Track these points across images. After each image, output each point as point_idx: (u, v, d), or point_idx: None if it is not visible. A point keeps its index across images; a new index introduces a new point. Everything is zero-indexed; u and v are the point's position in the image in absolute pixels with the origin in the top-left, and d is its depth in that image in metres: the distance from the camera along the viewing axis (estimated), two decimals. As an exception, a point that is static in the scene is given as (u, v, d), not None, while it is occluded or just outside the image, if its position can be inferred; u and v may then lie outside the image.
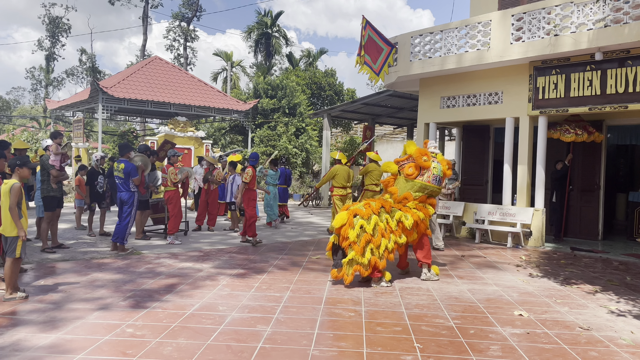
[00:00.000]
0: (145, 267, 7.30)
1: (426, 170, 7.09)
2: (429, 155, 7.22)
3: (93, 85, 19.34)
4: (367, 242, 6.45)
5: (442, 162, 7.23)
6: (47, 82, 55.38)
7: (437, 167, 7.12)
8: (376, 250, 6.51)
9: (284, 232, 11.60)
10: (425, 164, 7.06)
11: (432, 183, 7.10)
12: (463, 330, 4.88)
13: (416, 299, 6.01)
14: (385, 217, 6.76)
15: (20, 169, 5.50)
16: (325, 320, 5.05)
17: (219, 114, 22.71)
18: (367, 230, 6.46)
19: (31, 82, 56.85)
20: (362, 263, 6.42)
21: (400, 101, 17.70)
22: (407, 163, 7.21)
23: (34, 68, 55.82)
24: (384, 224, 6.69)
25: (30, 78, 56.31)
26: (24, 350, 3.94)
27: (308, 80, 29.97)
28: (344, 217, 6.53)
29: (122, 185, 8.36)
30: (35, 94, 59.14)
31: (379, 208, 6.78)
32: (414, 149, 7.19)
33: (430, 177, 7.08)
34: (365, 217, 6.54)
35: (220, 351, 4.10)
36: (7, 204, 5.28)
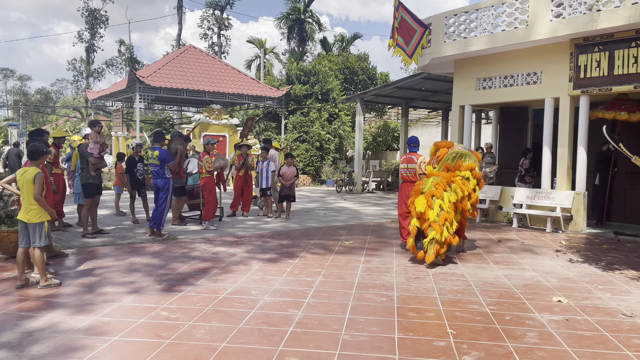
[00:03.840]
0: (180, 251, 7.44)
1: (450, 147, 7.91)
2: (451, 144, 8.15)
3: (130, 75, 19.73)
4: (444, 220, 6.79)
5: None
6: (87, 73, 56.97)
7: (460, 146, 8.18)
8: (450, 227, 6.86)
9: (316, 218, 11.61)
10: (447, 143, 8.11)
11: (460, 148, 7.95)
12: (498, 317, 4.76)
13: (450, 285, 5.90)
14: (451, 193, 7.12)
15: (42, 157, 5.61)
16: (357, 305, 5.03)
17: (252, 101, 22.82)
18: (445, 208, 6.82)
19: (73, 74, 58.58)
20: (440, 241, 6.70)
21: (435, 84, 17.34)
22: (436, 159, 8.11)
23: (75, 60, 57.47)
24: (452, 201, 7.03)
25: (71, 70, 58.04)
26: (63, 332, 4.08)
27: (341, 65, 29.71)
28: (424, 200, 6.82)
29: (157, 172, 8.51)
30: (77, 85, 60.95)
31: (446, 185, 7.08)
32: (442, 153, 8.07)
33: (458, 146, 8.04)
34: (441, 197, 6.86)
35: (252, 335, 4.13)
36: (30, 192, 5.34)
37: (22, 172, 5.43)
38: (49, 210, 5.49)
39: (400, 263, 7.01)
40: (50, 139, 9.53)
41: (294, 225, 10.27)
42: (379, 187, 21.43)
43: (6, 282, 5.58)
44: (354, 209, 13.76)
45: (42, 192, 5.38)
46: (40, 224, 5.40)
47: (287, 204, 11.10)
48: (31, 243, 5.40)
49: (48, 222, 5.53)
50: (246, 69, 39.13)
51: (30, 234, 5.41)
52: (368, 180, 20.71)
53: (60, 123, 36.77)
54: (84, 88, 54.27)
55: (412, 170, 7.91)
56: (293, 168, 11.10)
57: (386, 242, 8.65)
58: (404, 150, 19.62)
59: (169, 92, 20.18)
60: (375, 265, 6.85)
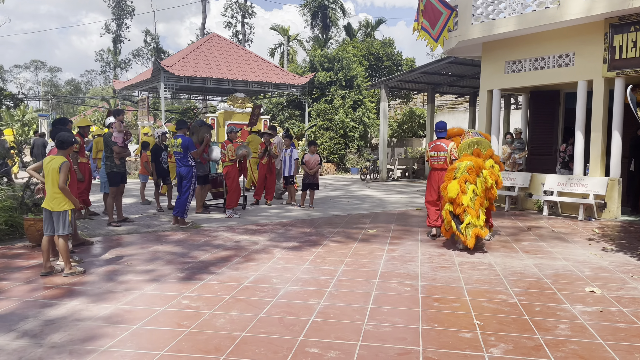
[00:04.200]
0: (203, 240, 7.44)
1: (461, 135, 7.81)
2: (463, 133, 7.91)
3: (155, 65, 19.85)
4: (480, 205, 6.86)
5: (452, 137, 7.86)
6: (115, 63, 57.84)
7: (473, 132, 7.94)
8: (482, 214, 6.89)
9: (340, 206, 11.49)
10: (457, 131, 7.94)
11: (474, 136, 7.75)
12: (528, 308, 4.58)
13: (477, 274, 5.73)
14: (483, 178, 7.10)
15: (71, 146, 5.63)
16: (380, 294, 4.91)
17: (275, 89, 22.74)
18: (478, 193, 6.85)
19: (100, 65, 59.64)
20: (480, 225, 6.73)
21: (462, 68, 16.93)
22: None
23: (103, 51, 58.42)
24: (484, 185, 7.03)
25: (99, 60, 59.07)
26: (84, 320, 4.08)
27: (365, 52, 29.33)
28: (456, 185, 6.81)
29: (180, 161, 8.51)
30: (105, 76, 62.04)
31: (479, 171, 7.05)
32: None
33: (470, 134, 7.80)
34: (474, 182, 6.86)
35: (272, 324, 4.06)
36: (55, 181, 5.36)
37: (48, 161, 5.46)
38: (73, 199, 5.51)
39: (426, 252, 6.85)
40: (75, 128, 9.65)
41: (317, 214, 10.19)
42: (404, 175, 21.16)
43: (32, 269, 5.65)
44: (378, 197, 13.60)
45: (67, 181, 5.40)
46: (64, 212, 5.42)
47: (310, 192, 11.01)
48: (55, 231, 5.43)
49: (72, 211, 5.55)
50: (270, 56, 39.07)
51: (54, 222, 5.44)
52: (393, 167, 20.46)
53: (89, 113, 37.44)
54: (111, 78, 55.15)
55: (442, 158, 7.71)
56: (316, 156, 10.98)
57: (411, 230, 8.49)
58: (430, 137, 19.28)
59: (193, 81, 20.25)
60: (399, 254, 6.71)
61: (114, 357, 3.39)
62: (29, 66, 75.21)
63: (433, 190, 7.85)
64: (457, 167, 7.13)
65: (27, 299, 4.59)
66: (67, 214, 5.45)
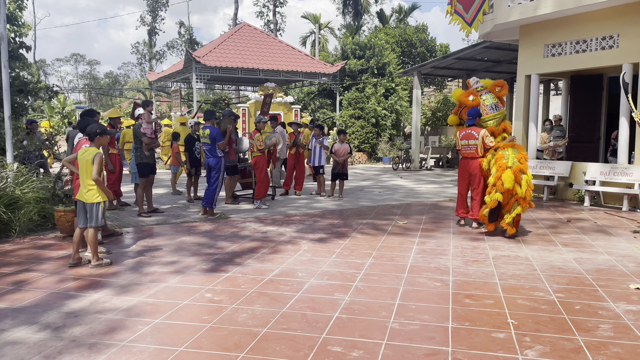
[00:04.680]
0: (230, 231, 7.38)
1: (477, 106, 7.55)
2: (474, 92, 7.64)
3: (187, 56, 19.96)
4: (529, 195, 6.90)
5: (492, 87, 7.67)
6: (150, 55, 58.84)
7: (487, 97, 7.59)
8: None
9: (370, 196, 11.28)
10: (475, 102, 7.53)
11: (491, 113, 7.52)
12: (567, 306, 4.31)
13: (512, 269, 5.45)
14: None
15: (101, 137, 5.61)
16: (408, 290, 4.71)
17: (306, 78, 22.54)
18: (529, 183, 6.84)
19: (136, 57, 60.73)
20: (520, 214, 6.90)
21: (498, 53, 16.34)
22: (461, 110, 7.74)
23: (138, 43, 59.46)
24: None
25: (135, 53, 60.16)
26: (106, 313, 4.05)
27: (398, 38, 28.71)
28: (512, 176, 6.72)
29: (208, 151, 8.47)
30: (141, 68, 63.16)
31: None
32: (457, 95, 7.79)
33: (485, 109, 7.54)
34: (526, 171, 6.87)
35: (295, 320, 3.93)
36: (89, 172, 5.38)
37: (82, 152, 5.48)
38: (106, 191, 5.52)
39: (458, 244, 6.60)
40: (106, 119, 9.74)
41: (346, 204, 10.01)
42: (438, 164, 20.70)
43: (60, 260, 5.69)
44: (410, 187, 13.29)
45: (100, 172, 5.40)
46: (97, 204, 5.43)
47: (339, 183, 10.83)
48: (87, 223, 5.45)
49: (104, 202, 5.56)
50: (301, 45, 38.86)
51: (87, 213, 5.45)
52: (426, 156, 20.03)
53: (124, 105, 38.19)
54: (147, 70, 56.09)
55: (473, 146, 7.42)
56: (346, 145, 10.78)
57: (443, 222, 8.22)
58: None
59: (224, 71, 20.27)
60: (430, 246, 6.48)
61: (132, 353, 3.33)
62: (69, 59, 77.41)
63: (463, 180, 7.60)
64: (505, 155, 7.00)
65: (53, 290, 4.61)
66: (100, 206, 5.45)
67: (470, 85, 7.87)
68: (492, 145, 7.28)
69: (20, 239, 6.71)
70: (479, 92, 7.68)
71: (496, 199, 6.82)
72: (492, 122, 7.51)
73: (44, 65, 73.53)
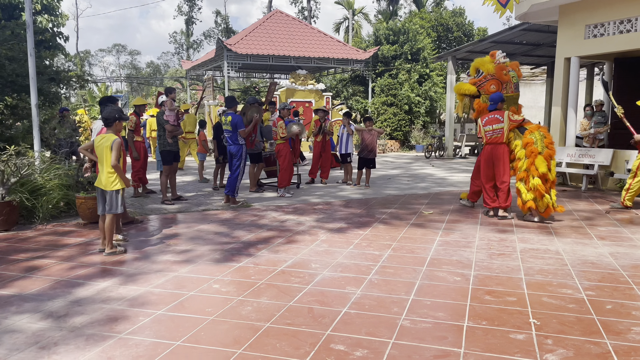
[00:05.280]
0: (249, 219, 7.27)
1: (507, 82, 7.42)
2: (507, 67, 7.48)
3: (218, 43, 19.98)
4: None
5: (512, 66, 7.60)
6: (187, 45, 59.59)
7: (514, 75, 7.54)
8: None
9: (398, 185, 10.97)
10: (507, 77, 7.39)
11: (515, 92, 7.52)
12: (597, 305, 3.97)
13: (540, 263, 5.11)
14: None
15: (119, 122, 5.54)
16: (425, 284, 4.46)
17: (338, 65, 22.21)
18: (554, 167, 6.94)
19: (174, 46, 61.63)
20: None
21: (537, 36, 15.57)
22: (486, 81, 7.46)
23: (176, 32, 60.28)
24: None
25: (173, 42, 61.03)
26: (110, 302, 3.99)
27: (434, 22, 27.96)
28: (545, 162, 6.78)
29: (230, 139, 8.36)
30: (179, 57, 64.06)
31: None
32: (492, 67, 7.45)
33: (512, 86, 7.48)
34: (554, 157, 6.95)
35: (300, 315, 3.76)
36: (108, 160, 5.33)
37: (99, 139, 5.41)
38: (124, 178, 5.47)
39: (484, 236, 6.27)
40: (132, 107, 9.77)
41: (372, 193, 9.75)
42: (473, 152, 20.08)
43: (75, 247, 5.70)
44: (441, 176, 12.89)
45: (119, 158, 5.34)
46: (116, 191, 5.39)
47: (366, 171, 10.57)
48: (106, 210, 5.43)
49: (123, 190, 5.51)
50: (334, 31, 38.38)
51: (107, 201, 5.43)
52: (461, 144, 19.45)
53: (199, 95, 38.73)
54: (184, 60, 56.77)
55: (498, 131, 7.06)
56: (374, 132, 10.46)
57: (471, 212, 7.87)
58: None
59: (255, 58, 20.18)
60: (454, 238, 6.18)
61: (127, 346, 3.24)
62: (111, 50, 79.33)
63: (488, 168, 7.25)
64: (534, 140, 6.91)
65: (63, 278, 4.59)
66: (119, 194, 5.41)
67: (497, 58, 7.56)
68: (519, 119, 7.00)
69: (43, 225, 6.79)
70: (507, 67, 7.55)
71: (537, 184, 6.75)
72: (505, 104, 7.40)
73: (89, 55, 75.63)
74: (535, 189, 6.79)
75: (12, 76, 10.33)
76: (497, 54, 7.59)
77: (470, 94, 7.68)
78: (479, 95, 7.64)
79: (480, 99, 7.61)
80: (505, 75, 7.37)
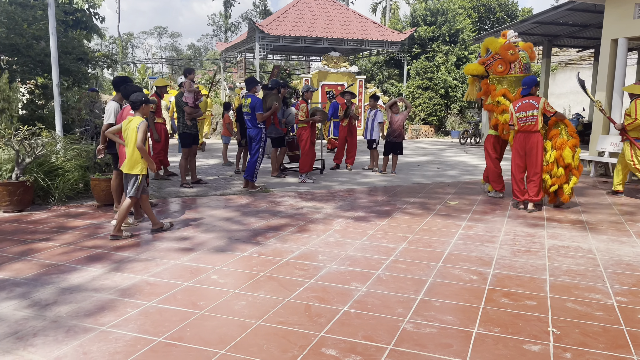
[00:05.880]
0: (265, 205, 7.05)
1: (515, 62, 7.20)
2: (514, 47, 7.26)
3: (250, 24, 19.74)
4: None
5: (525, 47, 7.41)
6: (225, 27, 59.76)
7: (524, 55, 7.30)
8: None
9: (426, 173, 10.53)
10: (514, 57, 7.18)
11: (525, 72, 7.27)
12: (628, 314, 3.55)
13: (569, 263, 4.68)
14: None
15: (145, 106, 5.43)
16: (437, 283, 4.13)
17: (372, 47, 21.59)
18: None
19: (212, 29, 61.91)
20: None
21: (584, 16, 14.59)
22: (494, 61, 7.29)
23: (214, 15, 60.47)
24: None
25: (211, 24, 61.31)
26: (102, 290, 3.84)
27: (475, 3, 26.80)
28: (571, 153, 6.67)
29: (250, 122, 8.13)
30: (217, 39, 64.39)
31: None
32: (498, 46, 7.26)
33: (521, 67, 7.24)
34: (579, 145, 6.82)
35: (295, 312, 3.50)
36: (134, 142, 5.23)
37: (127, 122, 5.35)
38: (149, 160, 5.37)
39: (510, 230, 5.84)
40: (153, 88, 9.67)
41: (397, 181, 9.37)
42: (511, 139, 19.23)
43: (83, 230, 5.62)
44: (473, 163, 12.32)
45: (144, 140, 5.25)
46: (137, 176, 5.30)
47: (393, 157, 10.17)
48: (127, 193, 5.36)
49: (144, 176, 5.41)
50: (371, 13, 37.48)
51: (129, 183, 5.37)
52: (498, 130, 18.64)
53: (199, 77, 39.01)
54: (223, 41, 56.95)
55: (532, 117, 6.57)
56: (400, 115, 10.00)
57: (500, 204, 7.40)
58: (544, 96, 17.17)
59: (287, 40, 19.85)
60: (477, 232, 5.77)
61: (107, 340, 3.06)
62: (153, 32, 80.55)
63: (520, 158, 6.77)
64: (559, 132, 6.74)
65: (61, 262, 4.49)
66: (138, 178, 5.32)
67: (507, 38, 7.39)
68: (553, 111, 6.57)
69: (58, 206, 6.77)
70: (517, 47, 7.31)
71: (562, 174, 6.74)
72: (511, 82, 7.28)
73: (132, 37, 77.07)
74: (559, 178, 6.78)
75: (41, 56, 10.40)
76: (509, 34, 7.45)
77: (478, 74, 7.55)
78: (487, 75, 7.50)
79: (488, 79, 7.45)
80: (512, 55, 7.15)
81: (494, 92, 7.38)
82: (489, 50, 7.44)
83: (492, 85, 7.42)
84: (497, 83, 7.37)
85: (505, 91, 7.27)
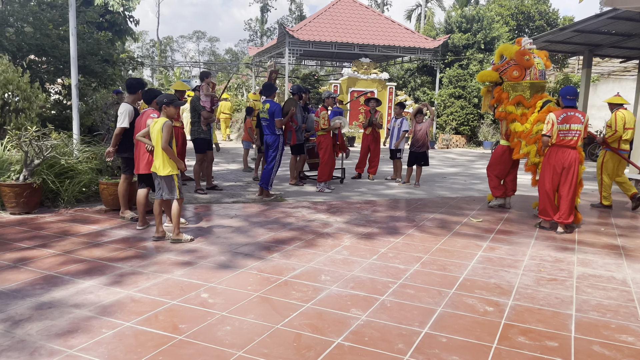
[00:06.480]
0: (276, 216, 6.75)
1: (530, 67, 7.01)
2: (530, 53, 7.09)
3: (280, 29, 19.61)
4: None
5: (541, 54, 7.22)
6: (261, 32, 60.24)
7: (539, 61, 7.10)
8: None
9: (451, 185, 10.03)
10: (529, 63, 7.01)
11: (540, 79, 7.07)
12: (665, 364, 3.07)
13: (599, 296, 4.18)
14: None
15: (168, 107, 5.30)
16: (446, 313, 3.72)
17: (404, 53, 21.12)
18: None
19: (249, 34, 62.53)
20: None
21: (628, 25, 13.77)
22: (509, 67, 7.11)
23: (251, 20, 61.07)
24: None
25: (247, 29, 61.90)
26: (82, 307, 3.60)
27: (514, 10, 25.96)
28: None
29: (267, 128, 7.86)
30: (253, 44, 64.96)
31: None
32: (513, 51, 7.06)
33: (536, 73, 7.04)
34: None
35: (282, 343, 3.17)
36: (160, 143, 5.16)
37: (152, 124, 5.30)
38: (177, 160, 5.31)
39: (536, 254, 5.35)
40: (172, 91, 9.53)
41: (420, 193, 8.92)
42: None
43: (83, 237, 5.43)
44: (504, 176, 11.72)
45: (169, 141, 5.19)
46: (171, 176, 5.27)
47: (417, 169, 9.73)
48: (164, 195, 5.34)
49: (177, 175, 5.36)
50: (406, 19, 36.92)
51: (164, 186, 5.32)
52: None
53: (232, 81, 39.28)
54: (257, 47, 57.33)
55: (575, 132, 6.11)
56: (424, 124, 9.54)
57: (528, 223, 6.88)
58: (583, 107, 16.33)
59: (317, 45, 19.62)
60: (499, 254, 5.31)
61: (70, 366, 2.80)
62: (192, 37, 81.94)
63: (555, 174, 6.25)
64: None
65: (49, 272, 4.29)
66: (173, 179, 5.28)
67: (522, 44, 7.19)
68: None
69: (66, 209, 6.65)
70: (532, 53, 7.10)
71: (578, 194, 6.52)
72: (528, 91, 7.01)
73: (171, 41, 78.63)
74: None
75: (67, 56, 10.44)
76: (523, 40, 7.26)
77: (492, 80, 7.33)
78: (501, 82, 7.26)
79: (502, 87, 7.18)
80: (528, 61, 6.97)
81: (506, 101, 7.15)
82: (503, 57, 7.23)
83: (505, 93, 7.18)
84: (511, 90, 7.12)
85: (520, 97, 7.04)
